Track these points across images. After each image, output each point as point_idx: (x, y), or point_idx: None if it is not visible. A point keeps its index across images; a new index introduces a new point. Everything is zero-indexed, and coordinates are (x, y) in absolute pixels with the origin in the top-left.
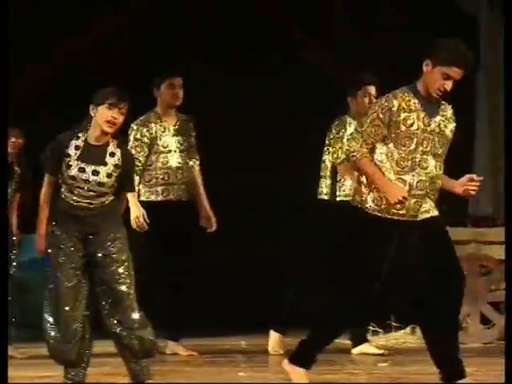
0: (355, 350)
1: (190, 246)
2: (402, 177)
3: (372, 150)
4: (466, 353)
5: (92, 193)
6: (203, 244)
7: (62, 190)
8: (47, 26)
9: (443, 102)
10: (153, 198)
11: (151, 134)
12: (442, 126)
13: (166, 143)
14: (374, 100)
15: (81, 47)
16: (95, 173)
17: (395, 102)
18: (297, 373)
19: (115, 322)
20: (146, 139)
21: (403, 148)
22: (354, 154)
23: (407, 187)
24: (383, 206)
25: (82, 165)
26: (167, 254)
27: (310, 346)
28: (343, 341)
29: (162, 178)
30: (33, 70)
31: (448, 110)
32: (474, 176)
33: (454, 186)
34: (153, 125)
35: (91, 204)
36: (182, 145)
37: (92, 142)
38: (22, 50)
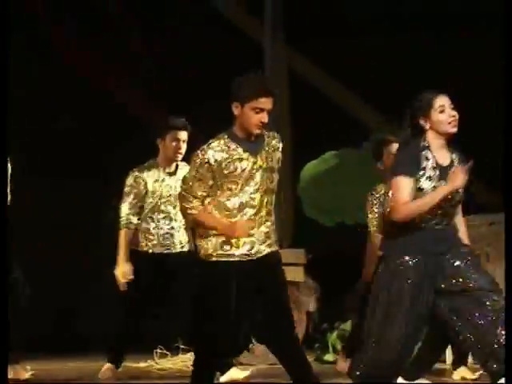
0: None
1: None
2: (230, 220)
3: (203, 201)
4: (254, 376)
5: None
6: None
7: None
8: None
9: (266, 134)
10: None
11: None
12: (268, 159)
13: None
14: (183, 145)
15: None
16: None
17: (210, 153)
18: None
19: None
20: None
21: (229, 192)
22: (191, 211)
23: None
24: (219, 251)
25: None
26: None
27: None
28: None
29: None
30: None
31: (273, 141)
32: None
33: None
34: None
35: None
36: None
37: None
38: None
